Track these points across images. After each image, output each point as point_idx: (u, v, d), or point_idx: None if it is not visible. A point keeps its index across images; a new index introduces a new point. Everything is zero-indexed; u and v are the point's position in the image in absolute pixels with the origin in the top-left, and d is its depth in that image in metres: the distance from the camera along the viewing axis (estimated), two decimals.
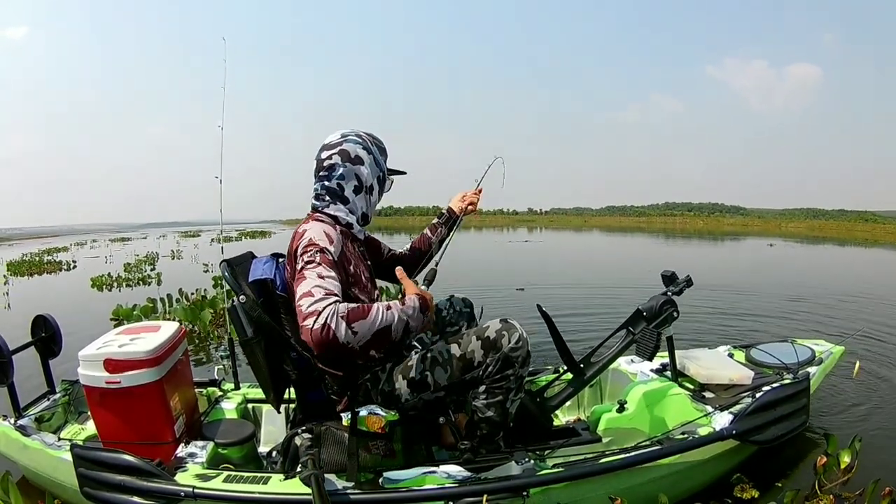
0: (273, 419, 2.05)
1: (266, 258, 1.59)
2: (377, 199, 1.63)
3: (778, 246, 15.32)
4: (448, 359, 1.45)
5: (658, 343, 1.87)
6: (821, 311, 4.98)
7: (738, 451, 1.79)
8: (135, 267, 10.80)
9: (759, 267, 9.76)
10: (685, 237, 21.95)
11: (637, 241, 18.76)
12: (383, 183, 1.64)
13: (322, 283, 1.26)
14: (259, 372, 1.57)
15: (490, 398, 1.47)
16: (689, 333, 3.91)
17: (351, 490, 1.38)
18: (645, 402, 1.87)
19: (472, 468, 1.46)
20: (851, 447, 1.92)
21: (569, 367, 1.86)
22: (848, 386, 2.75)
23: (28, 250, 18.69)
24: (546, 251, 12.90)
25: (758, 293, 6.07)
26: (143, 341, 1.65)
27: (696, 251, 14.38)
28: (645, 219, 51.57)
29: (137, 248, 18.55)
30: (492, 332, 1.45)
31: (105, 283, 8.48)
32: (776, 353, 2.19)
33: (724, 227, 35.10)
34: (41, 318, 2.00)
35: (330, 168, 1.54)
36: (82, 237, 34.05)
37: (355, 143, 1.55)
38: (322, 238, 1.38)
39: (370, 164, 1.56)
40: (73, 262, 13.03)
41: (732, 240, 19.82)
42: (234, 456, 1.74)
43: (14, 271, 11.17)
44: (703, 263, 10.76)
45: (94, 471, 1.44)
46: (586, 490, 1.51)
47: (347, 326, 1.18)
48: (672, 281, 2.00)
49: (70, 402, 2.00)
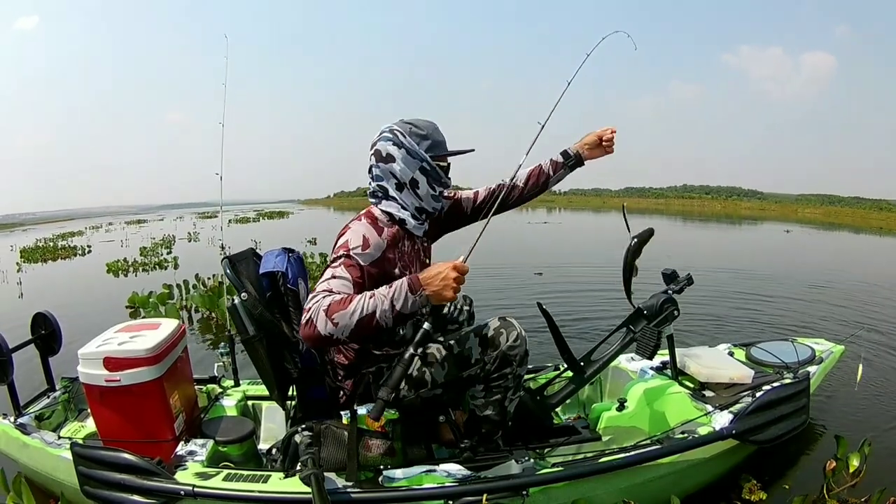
0: (273, 416, 2.05)
1: (278, 251, 1.60)
2: (429, 190, 1.50)
3: (794, 232, 15.08)
4: (445, 356, 1.45)
5: (658, 341, 1.87)
6: (832, 307, 4.87)
7: (738, 451, 1.79)
8: (151, 251, 10.68)
9: (774, 257, 9.42)
10: (703, 220, 21.50)
11: (655, 223, 18.65)
12: (432, 171, 1.49)
13: (329, 283, 1.29)
14: (262, 369, 1.57)
15: (488, 396, 1.48)
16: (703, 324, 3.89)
17: (351, 489, 1.38)
18: (645, 400, 1.87)
19: (472, 467, 1.46)
20: (861, 451, 1.86)
21: (569, 365, 1.86)
22: (852, 386, 2.73)
23: (42, 235, 18.52)
24: (564, 232, 12.75)
25: (774, 286, 5.90)
26: (143, 339, 1.64)
27: (713, 236, 14.07)
28: (663, 200, 51.23)
29: (154, 230, 18.42)
30: (490, 330, 1.45)
31: (121, 268, 8.37)
32: (776, 351, 2.18)
33: (742, 210, 34.82)
34: (41, 316, 2.00)
35: (370, 169, 1.52)
36: (98, 220, 33.70)
37: (386, 139, 1.48)
38: (356, 241, 1.38)
39: (402, 158, 1.46)
40: (88, 247, 12.89)
41: (750, 224, 19.44)
42: (234, 454, 1.74)
43: (28, 258, 11.05)
44: (719, 250, 10.62)
45: (94, 469, 1.44)
46: (586, 489, 1.51)
47: (328, 318, 1.21)
48: (673, 279, 1.99)
49: (70, 400, 2.00)
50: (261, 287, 1.63)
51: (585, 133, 1.72)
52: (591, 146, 1.70)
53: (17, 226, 34.44)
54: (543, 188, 1.73)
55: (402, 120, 1.51)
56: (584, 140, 1.71)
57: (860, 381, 2.19)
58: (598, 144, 1.70)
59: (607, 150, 1.71)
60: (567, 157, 1.72)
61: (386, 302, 1.25)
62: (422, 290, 1.26)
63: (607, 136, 1.69)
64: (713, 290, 5.20)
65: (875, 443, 1.96)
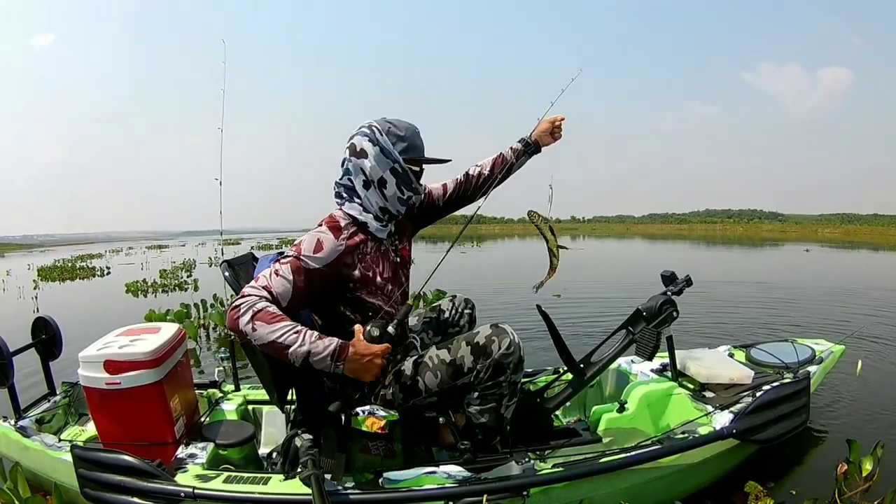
0: (273, 420, 2.05)
1: (274, 256, 1.61)
2: (396, 192, 1.50)
3: (813, 251, 15.37)
4: (438, 364, 1.44)
5: (658, 343, 1.87)
6: (836, 309, 4.99)
7: (738, 451, 1.79)
8: (171, 273, 10.63)
9: (792, 273, 9.79)
10: (725, 245, 21.66)
11: (677, 249, 18.59)
12: (403, 174, 1.49)
13: (271, 281, 1.35)
14: (262, 373, 1.57)
15: (483, 404, 1.45)
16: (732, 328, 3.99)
17: (351, 490, 1.38)
18: (645, 401, 1.87)
19: (472, 468, 1.45)
20: (874, 454, 1.83)
21: (569, 368, 1.86)
22: (854, 387, 2.73)
23: (61, 256, 18.48)
24: (587, 258, 12.85)
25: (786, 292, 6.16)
26: (144, 342, 1.65)
27: (734, 260, 14.09)
28: (686, 226, 51.96)
29: (175, 255, 18.34)
30: (482, 337, 1.42)
31: (140, 288, 8.37)
32: (776, 352, 2.19)
33: (763, 233, 35.66)
34: (41, 320, 2.01)
35: (342, 163, 1.52)
36: (118, 244, 33.76)
37: (362, 135, 1.48)
38: (309, 245, 1.40)
39: (375, 156, 1.46)
40: (107, 269, 12.92)
41: (771, 246, 19.63)
42: (235, 457, 1.74)
43: (45, 276, 11.04)
44: (739, 268, 10.81)
45: (94, 472, 1.44)
46: (586, 490, 1.51)
47: (251, 320, 1.28)
48: (672, 281, 2.00)
49: (70, 404, 2.00)
50: None
51: None
52: (544, 133, 1.79)
53: (35, 247, 34.41)
54: (507, 175, 1.79)
55: (384, 118, 1.52)
56: (539, 128, 1.79)
57: (859, 374, 2.17)
58: (551, 132, 1.78)
59: (555, 136, 1.80)
60: (526, 144, 1.80)
61: (305, 347, 1.29)
62: (343, 363, 1.31)
63: (557, 122, 1.78)
64: (732, 299, 5.39)
65: (886, 444, 1.91)
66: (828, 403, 2.55)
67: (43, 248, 31.19)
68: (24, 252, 27.50)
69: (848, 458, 1.82)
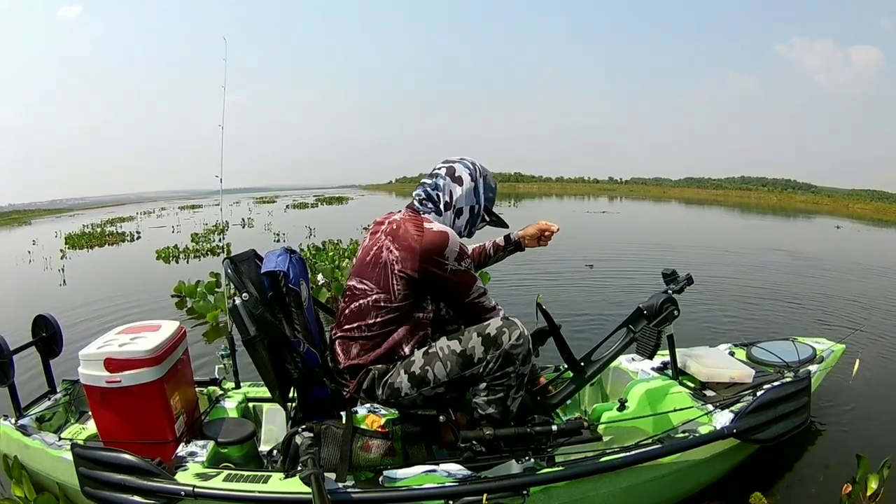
0: (273, 418, 2.05)
1: (280, 251, 1.62)
2: (464, 226, 1.63)
3: (844, 228, 15.01)
4: (448, 354, 1.46)
5: (658, 341, 1.87)
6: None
7: (739, 450, 1.79)
8: (203, 237, 10.34)
9: (827, 251, 9.19)
10: (759, 213, 21.68)
11: (714, 215, 18.52)
12: (476, 216, 1.64)
13: (492, 299, 1.56)
14: (264, 370, 1.57)
15: (491, 395, 1.48)
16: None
17: (351, 489, 1.38)
18: (646, 400, 1.87)
19: (473, 467, 1.46)
20: (880, 473, 1.76)
21: (569, 366, 1.86)
22: (856, 388, 2.71)
23: (90, 221, 17.97)
24: (623, 223, 12.57)
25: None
26: (144, 341, 1.64)
27: (771, 232, 13.79)
28: (721, 192, 51.98)
29: (208, 216, 17.87)
30: (492, 329, 1.46)
31: (171, 254, 8.15)
32: (777, 351, 2.18)
33: (796, 203, 35.75)
34: (42, 318, 2.00)
35: (434, 176, 1.62)
36: (150, 205, 32.74)
37: (464, 166, 1.63)
38: (464, 250, 1.50)
39: (468, 189, 1.60)
40: (137, 233, 12.56)
41: (804, 218, 19.58)
42: (235, 455, 1.74)
43: (73, 244, 10.73)
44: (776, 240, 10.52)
45: (94, 470, 1.44)
46: (587, 489, 1.51)
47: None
48: (673, 279, 1.99)
49: (71, 402, 2.00)
50: (262, 287, 1.63)
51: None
52: (531, 238, 1.89)
53: (63, 211, 33.41)
54: (482, 266, 1.93)
55: (474, 160, 1.67)
56: (528, 231, 1.89)
57: (855, 375, 2.16)
58: (538, 237, 1.88)
59: (542, 243, 1.89)
60: (508, 242, 1.91)
61: None
62: None
63: (548, 232, 1.87)
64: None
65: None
66: (829, 403, 2.54)
67: (72, 212, 30.26)
68: (53, 217, 26.60)
69: (854, 478, 1.75)
